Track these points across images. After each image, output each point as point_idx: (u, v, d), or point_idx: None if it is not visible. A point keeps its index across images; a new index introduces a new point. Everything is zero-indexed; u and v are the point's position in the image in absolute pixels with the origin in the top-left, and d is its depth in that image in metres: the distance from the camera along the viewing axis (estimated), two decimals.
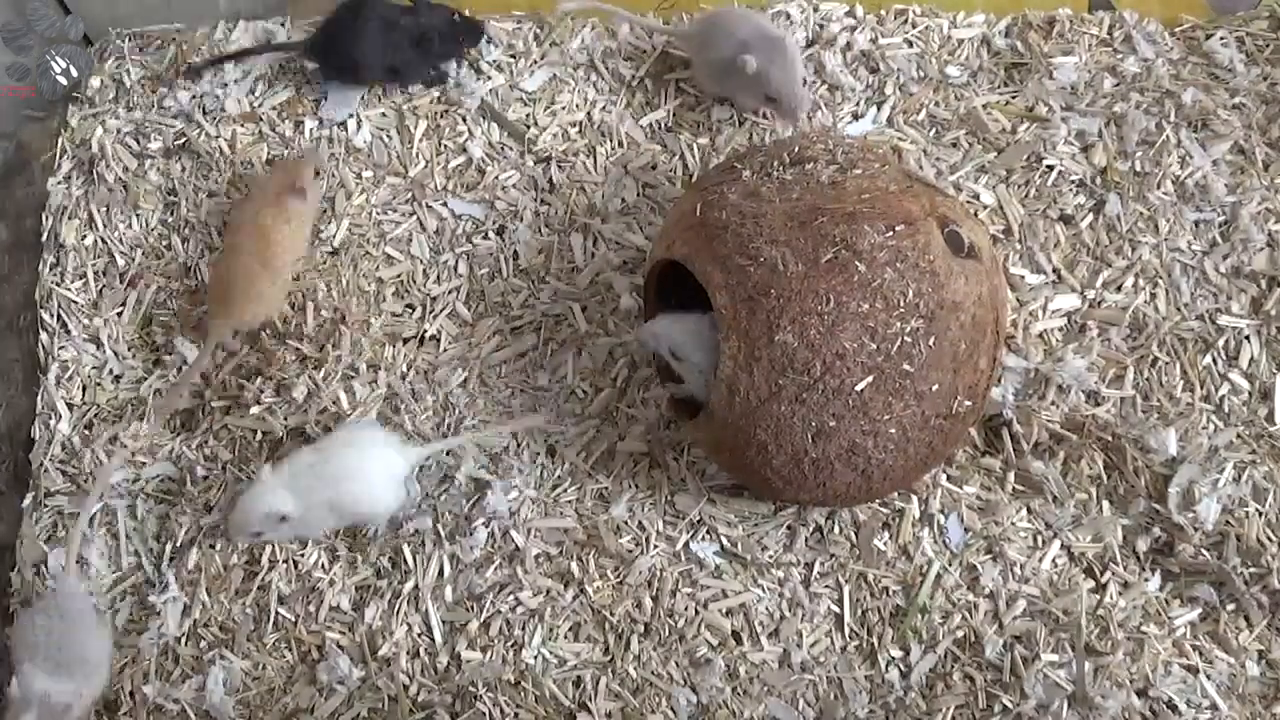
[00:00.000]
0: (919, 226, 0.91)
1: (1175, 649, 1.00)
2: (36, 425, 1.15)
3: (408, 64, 1.21)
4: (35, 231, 1.22)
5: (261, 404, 1.10)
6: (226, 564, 1.06)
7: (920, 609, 1.02)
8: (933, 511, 1.04)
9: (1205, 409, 1.07)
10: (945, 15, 1.25)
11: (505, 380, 1.12)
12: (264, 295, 1.11)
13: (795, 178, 0.95)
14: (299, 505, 1.01)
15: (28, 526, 1.11)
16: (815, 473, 0.93)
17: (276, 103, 1.25)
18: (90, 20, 1.30)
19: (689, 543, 1.05)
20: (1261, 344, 1.09)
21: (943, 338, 0.90)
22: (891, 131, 1.19)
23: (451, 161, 1.21)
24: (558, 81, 1.24)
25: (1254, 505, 1.03)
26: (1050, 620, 1.01)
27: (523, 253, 1.17)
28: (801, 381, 0.89)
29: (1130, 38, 1.23)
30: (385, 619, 1.04)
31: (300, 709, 1.02)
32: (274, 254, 1.11)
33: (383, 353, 1.13)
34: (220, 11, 1.31)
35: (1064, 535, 1.04)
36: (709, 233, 0.94)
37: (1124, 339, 1.10)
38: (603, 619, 1.03)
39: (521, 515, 1.06)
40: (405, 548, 1.05)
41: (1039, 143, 1.17)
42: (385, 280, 1.16)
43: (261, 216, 1.11)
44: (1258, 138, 1.17)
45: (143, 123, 1.25)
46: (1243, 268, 1.12)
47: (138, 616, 1.06)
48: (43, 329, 1.18)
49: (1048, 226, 1.14)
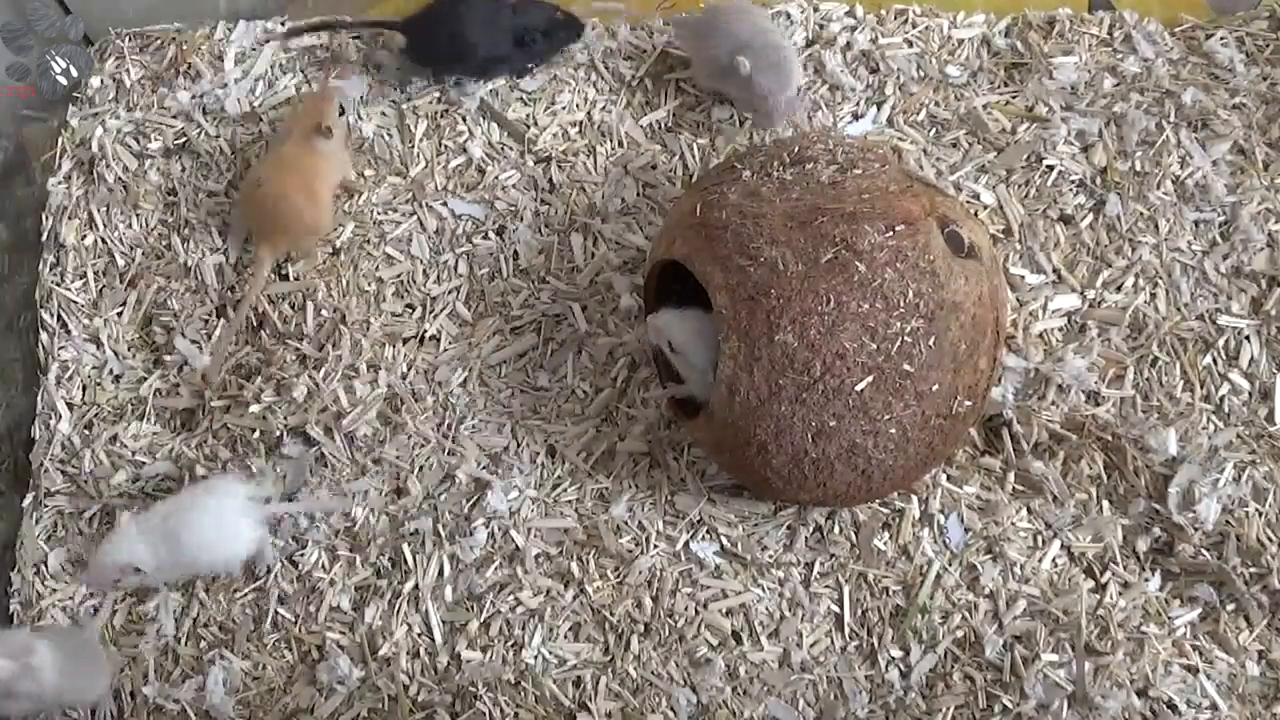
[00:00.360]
0: (919, 226, 0.91)
1: (1175, 649, 1.00)
2: (36, 425, 1.15)
3: (505, 59, 1.21)
4: (35, 231, 1.22)
5: (261, 403, 1.10)
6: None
7: (920, 609, 1.02)
8: (933, 511, 1.04)
9: (1205, 409, 1.07)
10: (945, 15, 1.25)
11: (505, 380, 1.12)
12: (313, 224, 1.14)
13: (795, 178, 0.95)
14: (153, 557, 1.00)
15: (28, 526, 1.11)
16: (815, 473, 0.93)
17: (276, 102, 1.25)
18: (90, 20, 1.29)
19: (689, 543, 1.05)
20: (1261, 344, 1.09)
21: (943, 338, 0.90)
22: (891, 131, 1.19)
23: (451, 161, 1.21)
24: (558, 81, 1.24)
25: (1254, 505, 1.03)
26: (1050, 620, 1.01)
27: (523, 253, 1.17)
28: (801, 381, 0.89)
29: (1130, 38, 1.23)
30: (385, 619, 1.04)
31: (300, 709, 1.02)
32: (316, 186, 1.13)
33: (383, 353, 1.13)
34: (220, 11, 1.31)
35: (1064, 535, 1.04)
36: (709, 233, 0.94)
37: (1124, 339, 1.10)
38: (603, 619, 1.03)
39: (521, 515, 1.06)
40: (405, 548, 1.05)
41: (1039, 143, 1.17)
42: (385, 280, 1.16)
43: (293, 155, 1.13)
44: (1258, 138, 1.17)
45: (143, 123, 1.25)
46: (1243, 268, 1.12)
47: (137, 616, 1.07)
48: (43, 329, 1.18)
49: (1048, 226, 1.14)
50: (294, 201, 1.12)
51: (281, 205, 1.12)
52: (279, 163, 1.13)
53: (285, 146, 1.14)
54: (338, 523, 1.07)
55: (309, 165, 1.13)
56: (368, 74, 1.25)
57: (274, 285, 1.16)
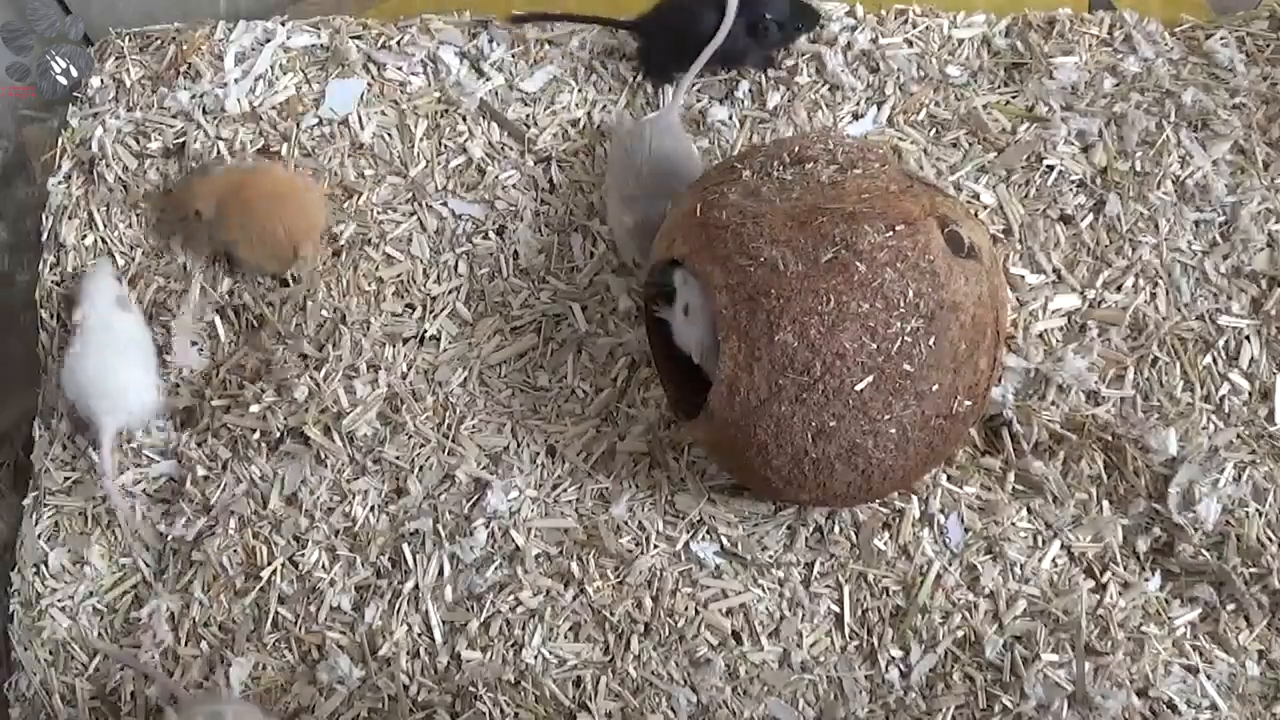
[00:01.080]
0: (919, 226, 0.91)
1: (1175, 649, 1.00)
2: (37, 425, 1.15)
3: (743, 52, 1.18)
4: (35, 231, 1.22)
5: (261, 403, 1.10)
6: (227, 564, 1.06)
7: (920, 609, 1.02)
8: (933, 511, 1.05)
9: (1205, 409, 1.07)
10: (945, 15, 1.25)
11: (505, 380, 1.12)
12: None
13: (795, 177, 0.95)
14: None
15: (28, 526, 1.11)
16: (815, 473, 0.93)
17: (276, 102, 1.25)
18: (90, 20, 1.30)
19: (689, 543, 1.05)
20: (1261, 344, 1.09)
21: (943, 338, 0.90)
22: (891, 131, 1.19)
23: (451, 161, 1.21)
24: (558, 82, 1.24)
25: (1254, 505, 1.03)
26: (1050, 620, 1.01)
27: (523, 253, 1.17)
28: (801, 381, 0.89)
29: (1130, 38, 1.23)
30: (385, 619, 1.04)
31: (300, 709, 1.02)
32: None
33: (383, 353, 1.13)
34: (220, 11, 1.31)
35: (1064, 535, 1.04)
36: (709, 233, 0.94)
37: (1124, 339, 1.10)
38: (603, 619, 1.03)
39: (521, 515, 1.06)
40: (405, 548, 1.05)
41: (1039, 143, 1.17)
42: (385, 280, 1.16)
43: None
44: (1258, 138, 1.17)
45: (143, 123, 1.25)
46: (1243, 268, 1.12)
47: (137, 616, 1.07)
48: (43, 329, 1.18)
49: (1048, 226, 1.14)
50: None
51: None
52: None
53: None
54: (337, 522, 1.07)
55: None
56: (367, 74, 1.25)
57: (275, 289, 1.16)
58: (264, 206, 1.13)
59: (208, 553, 1.07)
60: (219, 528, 1.08)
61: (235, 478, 1.09)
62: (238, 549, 1.07)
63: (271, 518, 1.08)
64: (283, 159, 1.20)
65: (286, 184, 1.16)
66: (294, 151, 1.21)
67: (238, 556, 1.07)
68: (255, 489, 1.09)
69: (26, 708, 1.06)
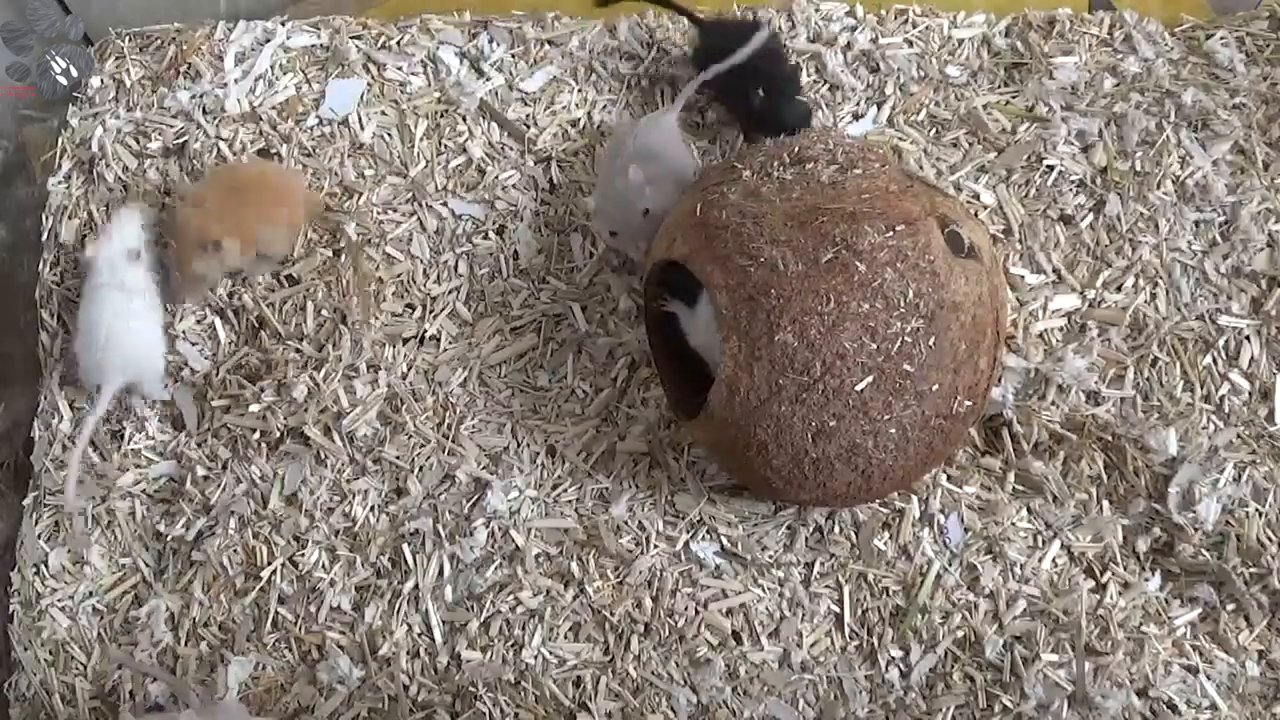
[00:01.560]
0: (919, 226, 0.91)
1: (1175, 649, 1.00)
2: (37, 425, 1.15)
3: (745, 105, 1.14)
4: (35, 231, 1.22)
5: (261, 403, 1.10)
6: (227, 564, 1.06)
7: (920, 609, 1.02)
8: (933, 511, 1.05)
9: (1205, 409, 1.07)
10: (945, 15, 1.25)
11: (505, 380, 1.12)
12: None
13: (795, 178, 0.95)
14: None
15: (28, 526, 1.11)
16: (815, 473, 0.93)
17: (276, 102, 1.25)
18: (90, 20, 1.30)
19: (689, 543, 1.05)
20: (1261, 344, 1.09)
21: (943, 338, 0.90)
22: (891, 131, 1.19)
23: (451, 161, 1.21)
24: (558, 82, 1.24)
25: (1254, 505, 1.03)
26: (1050, 620, 1.01)
27: (523, 253, 1.17)
28: (801, 381, 0.89)
29: (1130, 38, 1.23)
30: (385, 619, 1.04)
31: (300, 709, 1.02)
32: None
33: (383, 353, 1.13)
34: (220, 11, 1.31)
35: (1064, 535, 1.04)
36: (709, 233, 0.94)
37: (1124, 339, 1.10)
38: (603, 619, 1.03)
39: (521, 515, 1.06)
40: (405, 548, 1.05)
41: (1039, 143, 1.17)
42: (385, 280, 1.16)
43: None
44: (1258, 138, 1.17)
45: (143, 123, 1.25)
46: (1243, 268, 1.12)
47: (137, 616, 1.07)
48: (43, 329, 1.18)
49: (1048, 226, 1.14)
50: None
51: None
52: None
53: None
54: (337, 522, 1.07)
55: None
56: (367, 74, 1.25)
57: (276, 289, 1.16)
58: (234, 198, 1.12)
59: (208, 553, 1.07)
60: (219, 528, 1.08)
61: (235, 478, 1.09)
62: (238, 549, 1.07)
63: (271, 518, 1.08)
64: (282, 158, 1.20)
65: (255, 173, 1.16)
66: (294, 151, 1.21)
67: (238, 556, 1.07)
68: (255, 489, 1.09)
69: (26, 708, 1.06)
